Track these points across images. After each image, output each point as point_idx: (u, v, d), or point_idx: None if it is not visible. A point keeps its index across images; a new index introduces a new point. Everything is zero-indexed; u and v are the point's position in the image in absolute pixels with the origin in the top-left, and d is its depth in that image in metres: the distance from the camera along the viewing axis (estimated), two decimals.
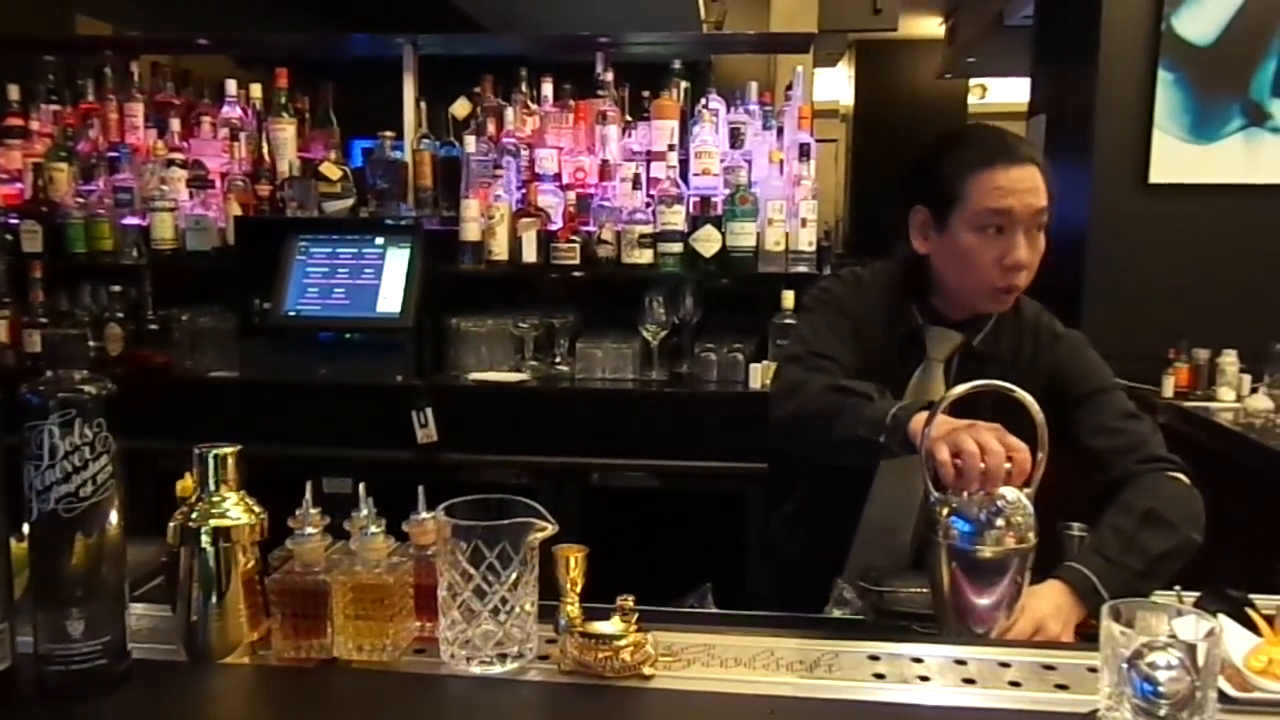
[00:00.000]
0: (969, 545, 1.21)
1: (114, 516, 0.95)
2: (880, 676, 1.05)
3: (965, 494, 1.21)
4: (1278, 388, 2.86)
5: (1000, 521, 1.21)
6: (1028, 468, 1.20)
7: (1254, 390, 2.92)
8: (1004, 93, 9.16)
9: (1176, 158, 3.13)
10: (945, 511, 1.23)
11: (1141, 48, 3.14)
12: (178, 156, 3.00)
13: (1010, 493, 1.22)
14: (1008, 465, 1.18)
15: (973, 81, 8.68)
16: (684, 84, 2.97)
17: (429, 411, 2.63)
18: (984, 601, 1.23)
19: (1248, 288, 3.14)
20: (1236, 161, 3.12)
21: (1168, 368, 3.03)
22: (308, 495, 1.07)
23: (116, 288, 2.95)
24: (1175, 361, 3.03)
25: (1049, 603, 1.30)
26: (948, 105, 8.21)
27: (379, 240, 2.82)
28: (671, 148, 2.78)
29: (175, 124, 3.06)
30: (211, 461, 1.04)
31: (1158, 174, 3.15)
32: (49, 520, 0.92)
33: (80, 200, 3.00)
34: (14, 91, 3.11)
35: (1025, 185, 1.43)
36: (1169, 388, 3.01)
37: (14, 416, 0.93)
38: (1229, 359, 2.99)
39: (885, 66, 8.16)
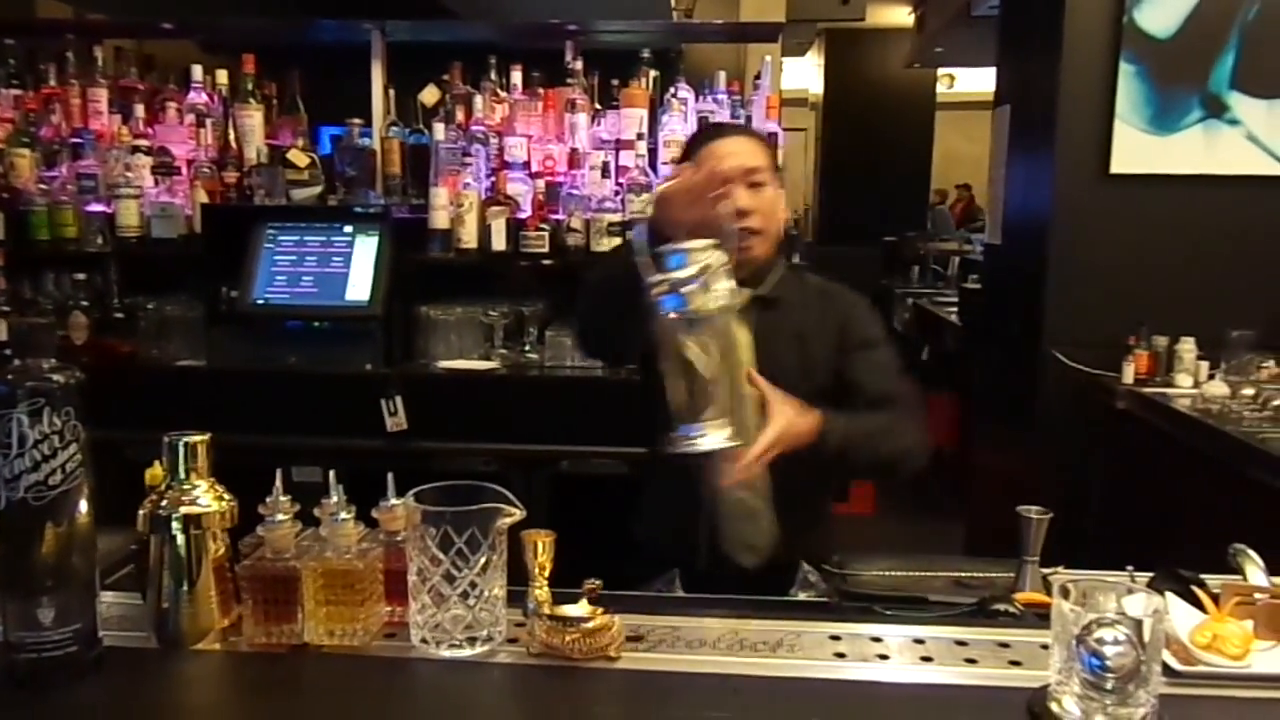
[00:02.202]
0: (683, 305, 1.27)
1: (84, 505, 0.96)
2: (841, 655, 1.08)
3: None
4: (1233, 374, 2.92)
5: (704, 279, 1.27)
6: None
7: (1211, 376, 2.98)
8: (971, 82, 9.23)
9: (1137, 148, 3.17)
10: (664, 287, 1.27)
11: (1103, 40, 3.18)
12: (143, 143, 2.97)
13: (716, 257, 1.29)
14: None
15: (941, 71, 8.73)
16: (653, 73, 2.98)
17: (398, 399, 2.63)
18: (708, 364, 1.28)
19: (1205, 277, 3.20)
20: (1195, 152, 3.17)
21: (1128, 354, 3.08)
22: (278, 483, 1.08)
23: (81, 275, 2.91)
24: (1135, 348, 3.09)
25: (786, 429, 1.40)
26: (916, 94, 8.26)
27: (347, 228, 2.81)
28: (640, 136, 2.79)
29: (140, 110, 3.03)
30: (182, 449, 1.05)
31: (1119, 164, 3.19)
32: (18, 509, 0.93)
33: (43, 187, 2.96)
34: None
35: (736, 149, 1.72)
36: (1129, 374, 3.07)
37: None
38: (1187, 346, 3.04)
39: (854, 55, 8.19)
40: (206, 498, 1.05)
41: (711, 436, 1.27)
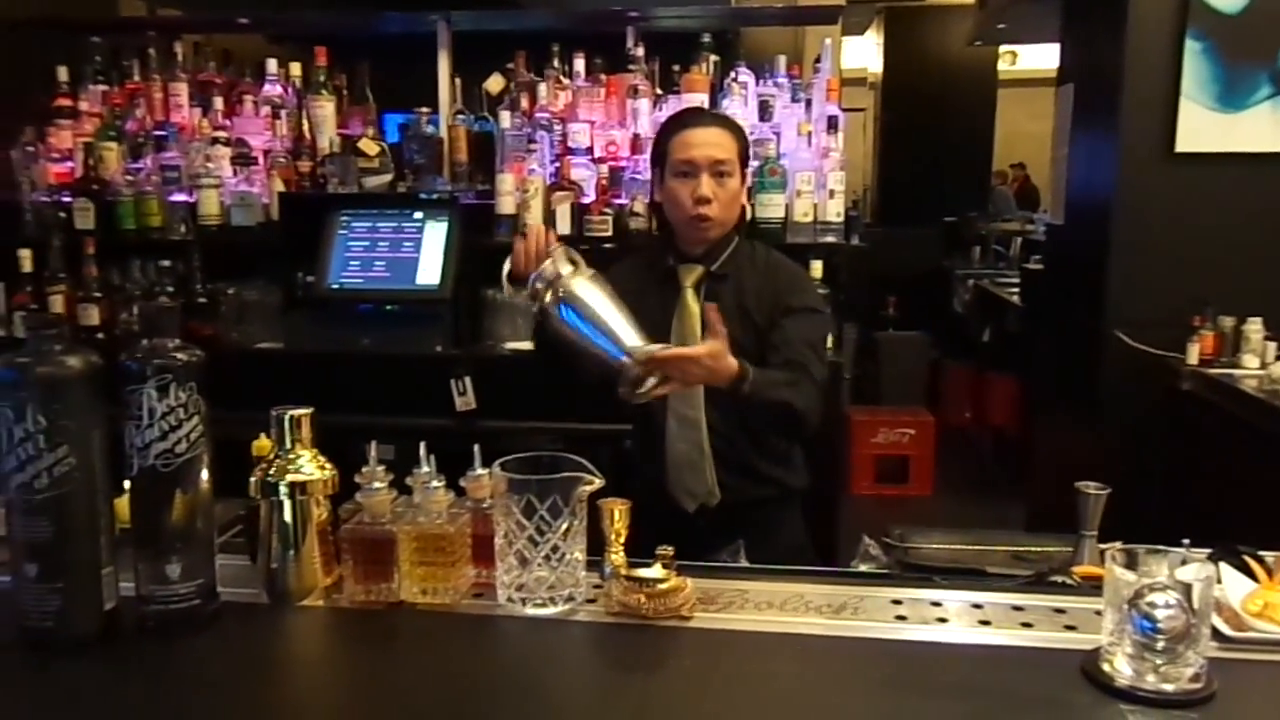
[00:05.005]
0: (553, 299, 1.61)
1: (205, 472, 1.05)
2: (902, 618, 1.13)
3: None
4: None
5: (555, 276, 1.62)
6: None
7: (1278, 357, 2.95)
8: (1034, 59, 9.08)
9: (1203, 127, 3.13)
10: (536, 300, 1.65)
11: (1169, 16, 3.14)
12: (222, 134, 3.09)
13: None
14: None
15: (1003, 48, 8.58)
16: (713, 57, 3.02)
17: (467, 380, 2.72)
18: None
19: (1273, 256, 3.15)
20: (1264, 130, 3.12)
21: (1193, 335, 3.06)
22: (373, 453, 1.17)
23: (166, 262, 3.04)
24: (1200, 329, 3.07)
25: (715, 351, 1.57)
26: (978, 72, 8.13)
27: (417, 214, 2.91)
28: None
29: (218, 102, 3.15)
30: (287, 422, 1.14)
31: (1184, 143, 3.15)
32: (149, 475, 1.02)
33: (129, 178, 3.10)
34: (62, 73, 3.20)
35: (703, 140, 1.86)
36: (1194, 355, 3.05)
37: (112, 382, 1.03)
38: (1254, 327, 3.01)
39: (915, 33, 8.09)
40: (310, 466, 1.14)
41: (638, 348, 1.53)
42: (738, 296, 1.88)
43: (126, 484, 1.05)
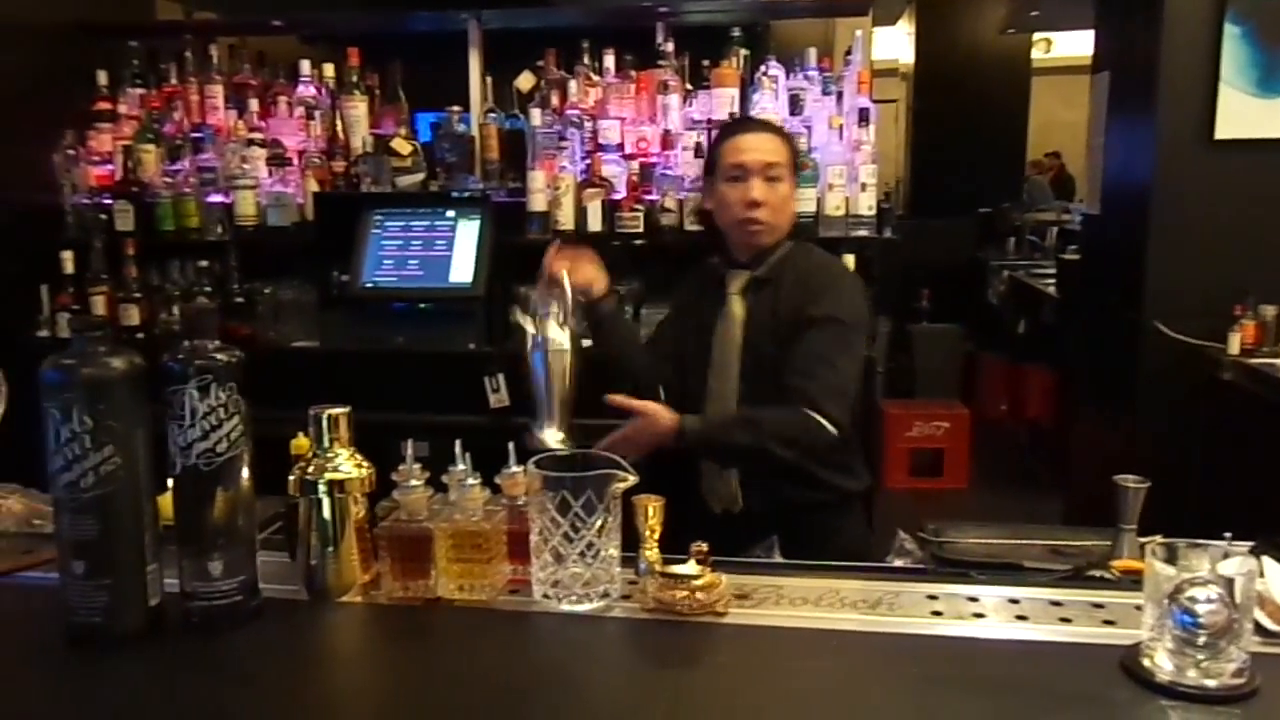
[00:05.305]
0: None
1: (245, 470, 1.07)
2: (938, 614, 1.13)
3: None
4: None
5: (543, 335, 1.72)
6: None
7: None
8: (1069, 46, 8.96)
9: (1244, 113, 3.08)
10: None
11: (1206, 1, 3.09)
12: (257, 136, 3.13)
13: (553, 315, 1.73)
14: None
15: (1036, 36, 8.48)
16: (743, 51, 3.00)
17: (501, 377, 2.74)
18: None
19: None
20: None
21: (1234, 325, 3.01)
22: (410, 451, 1.19)
23: (203, 263, 3.08)
24: (1242, 318, 3.02)
25: (642, 425, 1.76)
26: (1011, 60, 8.05)
27: (450, 213, 2.93)
28: (732, 116, 2.83)
29: (253, 104, 3.19)
30: (325, 421, 1.15)
31: (1224, 129, 3.10)
32: (191, 474, 1.04)
33: (168, 180, 3.14)
34: (102, 77, 3.26)
35: (754, 145, 1.92)
36: (1235, 344, 3.00)
37: (154, 383, 1.05)
38: None
39: (947, 22, 8.01)
40: (348, 465, 1.16)
41: (547, 434, 1.68)
42: (774, 304, 1.91)
43: (170, 482, 1.07)
